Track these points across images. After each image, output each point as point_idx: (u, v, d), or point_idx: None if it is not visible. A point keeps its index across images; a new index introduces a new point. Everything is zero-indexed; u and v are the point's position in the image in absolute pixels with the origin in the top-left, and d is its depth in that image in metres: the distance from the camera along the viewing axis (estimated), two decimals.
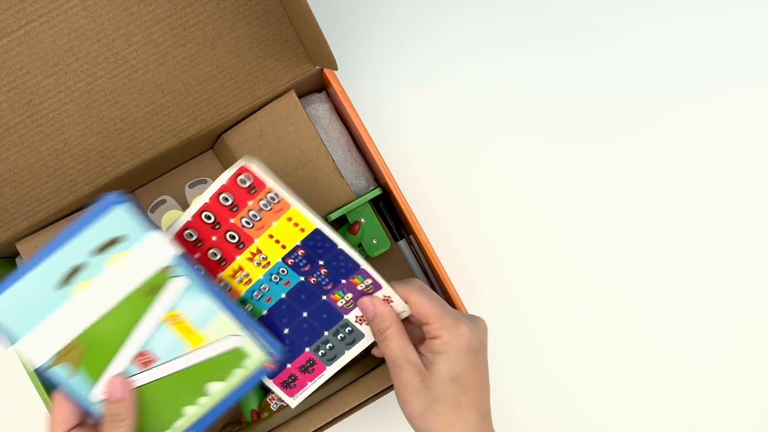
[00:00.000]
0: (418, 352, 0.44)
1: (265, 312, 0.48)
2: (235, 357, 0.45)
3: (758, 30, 0.62)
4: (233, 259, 0.47)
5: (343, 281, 0.47)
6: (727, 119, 0.62)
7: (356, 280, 0.47)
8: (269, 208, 0.46)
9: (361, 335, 0.48)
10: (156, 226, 0.43)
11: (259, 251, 0.47)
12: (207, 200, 0.45)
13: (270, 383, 0.48)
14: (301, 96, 0.55)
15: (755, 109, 0.62)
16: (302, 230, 0.46)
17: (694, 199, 0.61)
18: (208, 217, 0.46)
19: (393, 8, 0.61)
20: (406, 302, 0.45)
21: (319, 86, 0.56)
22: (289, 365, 0.48)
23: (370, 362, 0.52)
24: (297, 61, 0.51)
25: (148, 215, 0.54)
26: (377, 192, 0.53)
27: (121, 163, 0.51)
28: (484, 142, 0.61)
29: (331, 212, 0.52)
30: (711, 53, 0.62)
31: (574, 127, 0.61)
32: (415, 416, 0.42)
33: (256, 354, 0.45)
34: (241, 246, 0.47)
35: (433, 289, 0.58)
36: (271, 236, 0.47)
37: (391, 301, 0.46)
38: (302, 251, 0.47)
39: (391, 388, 0.52)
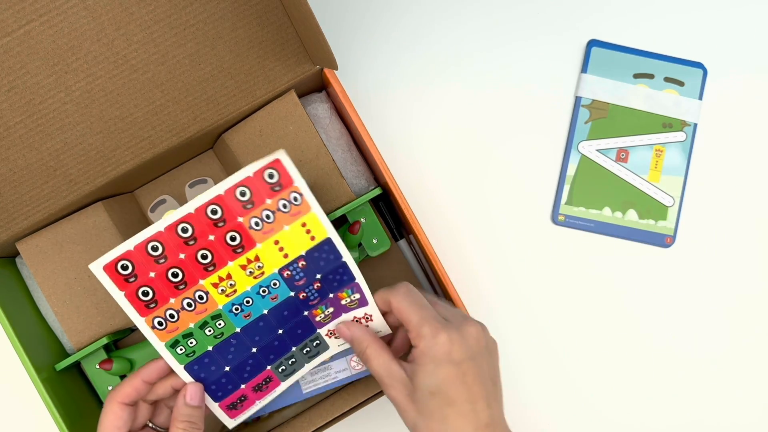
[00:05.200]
0: (409, 362, 0.42)
1: (238, 329, 0.44)
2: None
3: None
4: (224, 265, 0.42)
5: (331, 295, 0.45)
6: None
7: (344, 294, 0.45)
8: (287, 209, 0.42)
9: (326, 347, 0.47)
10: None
11: (257, 258, 0.43)
12: (221, 192, 0.40)
13: (212, 405, 0.46)
14: (301, 96, 0.55)
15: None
16: (312, 238, 0.43)
17: (700, 196, 0.61)
18: (215, 212, 0.41)
19: (393, 8, 0.61)
20: (388, 307, 0.44)
21: (319, 86, 0.56)
22: (243, 386, 0.46)
23: None
24: (297, 61, 0.51)
25: (148, 215, 0.54)
26: (377, 192, 0.53)
27: (121, 163, 0.51)
28: (485, 142, 0.61)
29: (331, 212, 0.52)
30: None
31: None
32: (409, 430, 0.41)
33: None
34: (239, 250, 0.42)
35: (433, 288, 0.58)
36: (276, 242, 0.43)
37: (371, 320, 0.45)
38: (303, 263, 0.43)
39: None
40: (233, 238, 0.42)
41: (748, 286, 0.61)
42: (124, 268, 0.41)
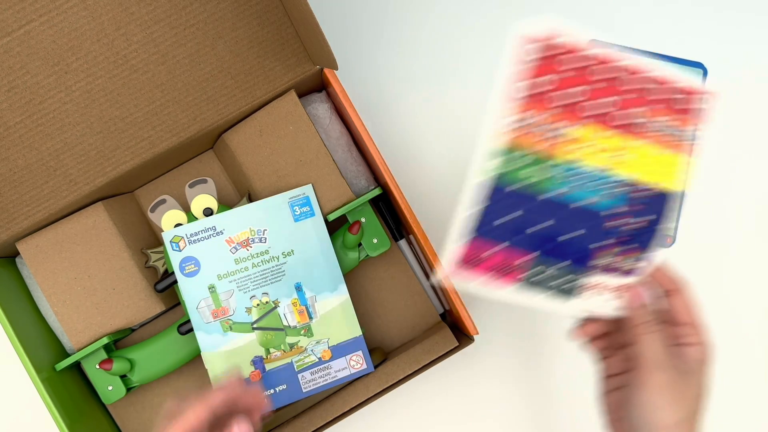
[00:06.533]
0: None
1: (551, 194, 0.40)
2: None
3: None
4: (607, 127, 0.38)
5: (626, 247, 0.41)
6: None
7: (633, 255, 0.42)
8: (683, 139, 0.39)
9: (570, 296, 0.42)
10: None
11: (621, 149, 0.39)
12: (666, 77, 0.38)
13: (453, 242, 0.40)
14: (301, 96, 0.55)
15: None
16: (669, 180, 0.40)
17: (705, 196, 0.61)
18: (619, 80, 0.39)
19: (393, 8, 0.61)
20: (673, 295, 0.42)
21: (319, 86, 0.56)
22: (497, 247, 0.40)
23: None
24: (297, 61, 0.51)
25: (148, 215, 0.54)
26: (377, 192, 0.53)
27: (121, 163, 0.51)
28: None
29: (331, 212, 0.52)
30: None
31: None
32: (664, 425, 0.39)
33: None
34: (628, 128, 0.39)
35: (432, 288, 0.58)
36: (645, 156, 0.40)
37: (622, 294, 0.42)
38: (647, 193, 0.40)
39: (390, 388, 0.52)
40: (633, 115, 0.39)
41: (748, 285, 0.61)
42: (555, 46, 0.38)
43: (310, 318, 0.52)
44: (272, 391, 0.51)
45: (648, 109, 0.38)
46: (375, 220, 0.54)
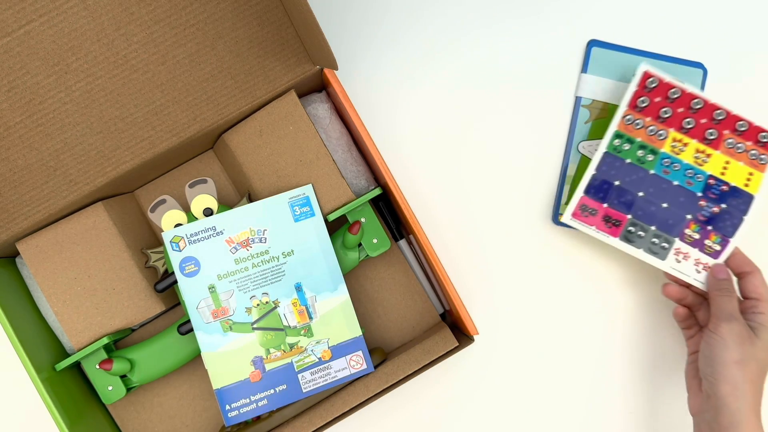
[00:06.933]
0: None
1: (652, 171, 0.56)
2: None
3: None
4: (692, 138, 0.56)
5: (710, 228, 0.55)
6: None
7: (713, 236, 0.55)
8: (753, 157, 0.55)
9: (663, 257, 0.55)
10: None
11: (708, 156, 0.55)
12: (732, 113, 0.55)
13: (578, 193, 0.56)
14: (301, 96, 0.55)
15: None
16: (746, 185, 0.55)
17: None
18: (720, 114, 0.55)
19: (393, 8, 0.61)
20: (745, 277, 0.53)
21: (319, 86, 0.56)
22: (606, 204, 0.56)
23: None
24: (297, 61, 0.51)
25: (149, 215, 0.54)
26: (377, 192, 0.53)
27: (121, 163, 0.51)
28: (485, 142, 0.61)
29: (331, 212, 0.52)
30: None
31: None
32: (733, 361, 0.49)
33: None
34: (706, 142, 0.56)
35: (433, 288, 0.58)
36: (727, 162, 0.55)
37: (703, 271, 0.55)
38: (726, 188, 0.55)
39: (391, 388, 0.52)
40: (711, 134, 0.55)
41: None
42: (651, 83, 0.56)
43: (310, 318, 0.52)
44: (272, 391, 0.51)
45: (742, 141, 0.55)
46: (375, 220, 0.54)
